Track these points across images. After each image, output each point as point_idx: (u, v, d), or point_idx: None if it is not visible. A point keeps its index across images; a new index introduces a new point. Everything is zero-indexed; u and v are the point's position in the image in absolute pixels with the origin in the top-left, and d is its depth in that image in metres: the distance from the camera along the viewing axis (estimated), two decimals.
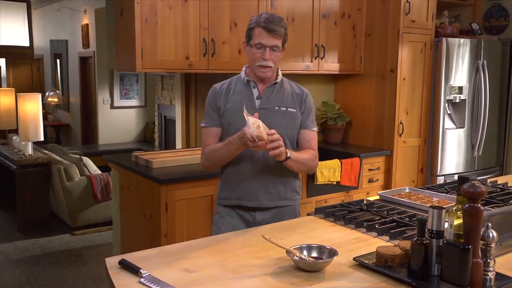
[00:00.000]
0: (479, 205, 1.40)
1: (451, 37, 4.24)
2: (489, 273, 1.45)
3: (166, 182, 2.95)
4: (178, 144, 4.30)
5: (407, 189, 2.59)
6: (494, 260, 1.47)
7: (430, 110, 4.29)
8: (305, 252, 1.64)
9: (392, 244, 1.75)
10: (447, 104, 4.27)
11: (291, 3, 3.80)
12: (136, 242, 3.33)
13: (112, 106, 8.48)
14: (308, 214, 2.26)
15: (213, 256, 1.70)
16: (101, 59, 8.06)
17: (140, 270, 1.51)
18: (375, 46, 4.20)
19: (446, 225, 1.51)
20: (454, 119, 4.36)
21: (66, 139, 9.77)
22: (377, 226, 1.98)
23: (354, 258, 1.64)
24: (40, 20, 10.77)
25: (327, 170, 3.62)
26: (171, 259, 1.66)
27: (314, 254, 1.65)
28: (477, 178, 2.56)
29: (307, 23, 3.92)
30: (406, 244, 1.58)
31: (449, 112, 4.31)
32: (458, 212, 1.49)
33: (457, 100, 4.30)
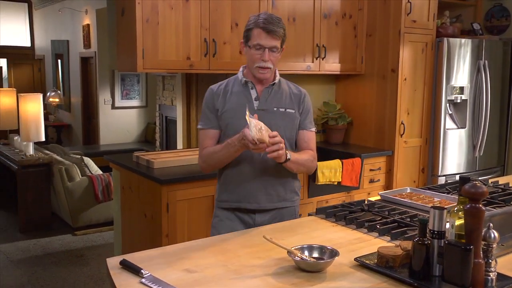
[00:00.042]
0: (480, 205, 1.39)
1: (452, 37, 4.24)
2: (490, 273, 1.45)
3: (167, 182, 2.95)
4: (179, 144, 4.29)
5: (408, 189, 2.59)
6: (496, 261, 1.46)
7: (431, 110, 4.29)
8: (306, 253, 1.63)
9: (394, 244, 1.75)
10: (448, 104, 4.27)
11: (292, 3, 3.80)
12: (137, 243, 3.33)
13: (113, 107, 8.49)
14: (309, 215, 2.25)
15: (214, 256, 1.70)
16: (102, 60, 8.07)
17: (141, 271, 1.51)
18: (376, 46, 4.20)
19: (448, 225, 1.50)
20: (455, 119, 4.36)
21: (67, 139, 9.77)
22: (378, 227, 1.98)
23: (355, 259, 1.64)
24: (41, 20, 10.79)
25: (328, 171, 3.62)
26: (172, 259, 1.66)
27: (315, 255, 1.64)
28: (478, 179, 2.55)
29: (308, 23, 3.92)
30: (408, 244, 1.57)
31: (450, 112, 4.31)
32: (460, 213, 1.49)
33: (458, 100, 4.30)
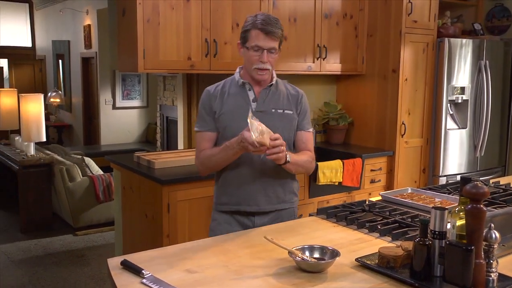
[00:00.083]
0: (481, 205, 1.39)
1: (453, 37, 4.24)
2: (491, 274, 1.44)
3: (168, 182, 2.95)
4: (180, 144, 4.29)
5: (409, 189, 2.58)
6: (497, 261, 1.46)
7: (432, 110, 4.29)
8: (307, 253, 1.63)
9: (395, 245, 1.75)
10: (449, 105, 4.27)
11: (293, 4, 3.80)
12: (138, 243, 3.33)
13: (114, 107, 8.49)
14: (310, 215, 2.25)
15: (215, 256, 1.70)
16: (103, 60, 8.07)
17: (142, 271, 1.51)
18: (377, 46, 4.20)
19: (449, 226, 1.50)
20: (456, 120, 4.36)
21: (68, 139, 9.78)
22: (379, 227, 1.98)
23: (356, 259, 1.64)
24: (42, 20, 10.80)
25: (329, 171, 3.61)
26: (173, 259, 1.66)
27: (316, 255, 1.64)
28: (479, 179, 2.55)
29: (309, 24, 3.92)
30: (409, 245, 1.57)
31: (451, 112, 4.31)
32: (461, 213, 1.49)
33: (459, 101, 4.29)
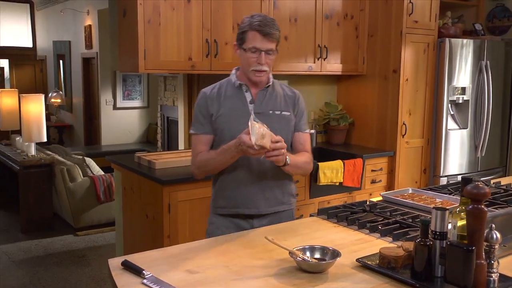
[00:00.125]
0: (482, 206, 1.39)
1: (454, 37, 4.23)
2: (492, 274, 1.44)
3: (169, 183, 2.95)
4: (181, 145, 4.29)
5: (410, 190, 2.58)
6: (498, 262, 1.46)
7: (433, 110, 4.28)
8: (308, 253, 1.63)
9: (395, 245, 1.75)
10: (450, 105, 4.27)
11: (293, 4, 3.80)
12: (139, 243, 3.33)
13: (114, 107, 8.49)
14: (311, 215, 2.25)
15: (216, 257, 1.70)
16: (104, 60, 8.07)
17: (143, 271, 1.51)
18: (378, 46, 4.20)
19: (450, 226, 1.50)
20: (457, 120, 4.36)
21: (69, 140, 9.78)
22: (380, 227, 1.97)
23: (357, 259, 1.64)
24: (43, 21, 10.80)
25: (330, 171, 3.61)
26: (174, 260, 1.66)
27: (317, 255, 1.64)
28: (480, 179, 2.55)
29: (309, 24, 3.92)
30: (409, 245, 1.57)
31: (452, 112, 4.30)
32: (462, 213, 1.49)
33: (460, 101, 4.29)
